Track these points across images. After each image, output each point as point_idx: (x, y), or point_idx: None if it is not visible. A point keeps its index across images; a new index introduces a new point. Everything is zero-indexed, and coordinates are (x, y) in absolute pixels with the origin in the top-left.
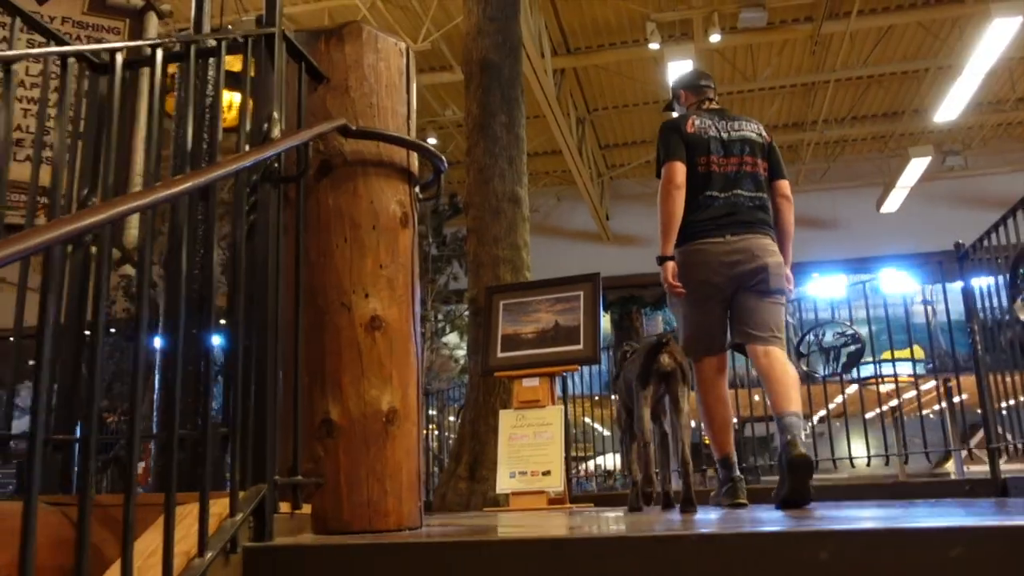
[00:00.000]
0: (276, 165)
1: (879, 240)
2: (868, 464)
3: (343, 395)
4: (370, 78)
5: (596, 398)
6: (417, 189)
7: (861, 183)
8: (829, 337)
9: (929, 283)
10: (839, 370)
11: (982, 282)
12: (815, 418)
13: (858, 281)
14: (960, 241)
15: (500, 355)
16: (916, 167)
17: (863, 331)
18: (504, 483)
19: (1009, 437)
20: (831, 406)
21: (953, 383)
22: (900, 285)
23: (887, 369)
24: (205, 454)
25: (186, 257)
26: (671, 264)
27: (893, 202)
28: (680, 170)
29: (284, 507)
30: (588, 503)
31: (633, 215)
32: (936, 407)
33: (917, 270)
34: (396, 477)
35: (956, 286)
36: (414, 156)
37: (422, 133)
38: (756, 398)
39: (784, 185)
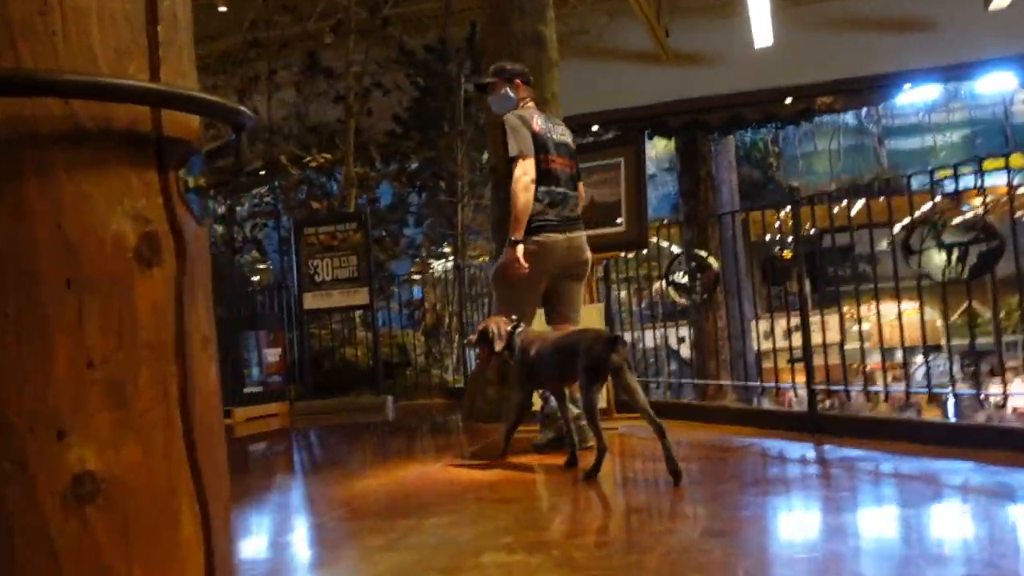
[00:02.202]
0: None
1: (984, 42)
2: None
3: None
4: None
5: (664, 221)
6: (184, 175)
7: None
8: (951, 230)
9: None
10: (966, 276)
11: None
12: (896, 226)
13: None
14: None
15: None
16: None
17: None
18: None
19: None
20: (916, 215)
21: None
22: (999, 85)
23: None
24: None
25: None
26: (522, 247)
27: None
28: (533, 165)
29: None
30: (636, 413)
31: (696, 30)
32: None
33: None
34: None
35: None
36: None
37: None
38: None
39: (581, 188)
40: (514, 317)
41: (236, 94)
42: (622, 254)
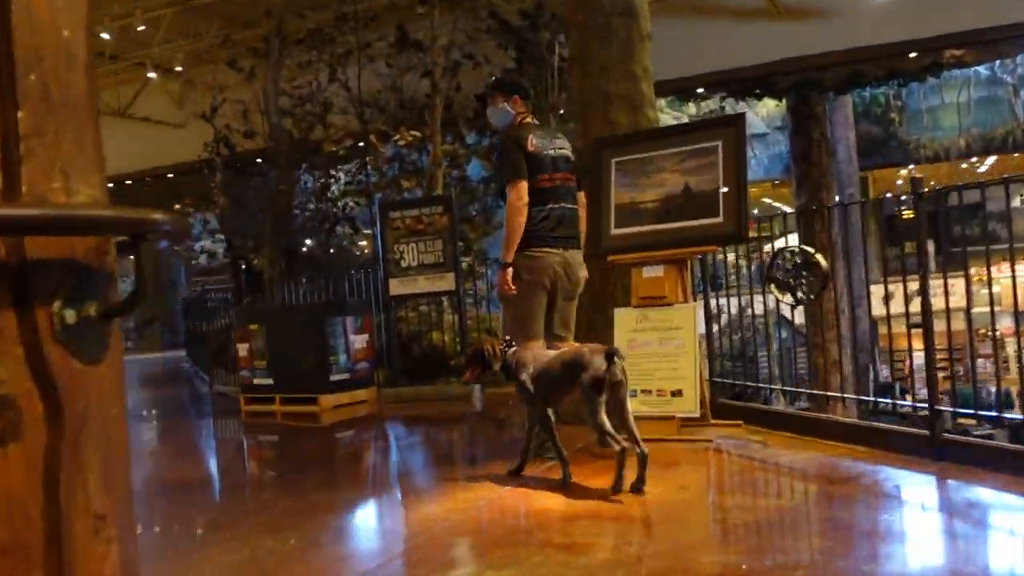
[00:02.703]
0: None
1: None
2: None
3: None
4: None
5: (776, 182)
6: (62, 308)
7: None
8: None
9: None
10: None
11: None
12: None
13: None
14: None
15: (614, 232)
16: None
17: None
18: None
19: None
20: None
21: None
22: None
23: None
24: None
25: None
26: (511, 270)
27: None
28: (525, 189)
29: None
30: (735, 421)
31: None
32: None
33: None
34: None
35: None
36: None
37: None
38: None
39: (583, 196)
40: (507, 338)
41: (328, 68)
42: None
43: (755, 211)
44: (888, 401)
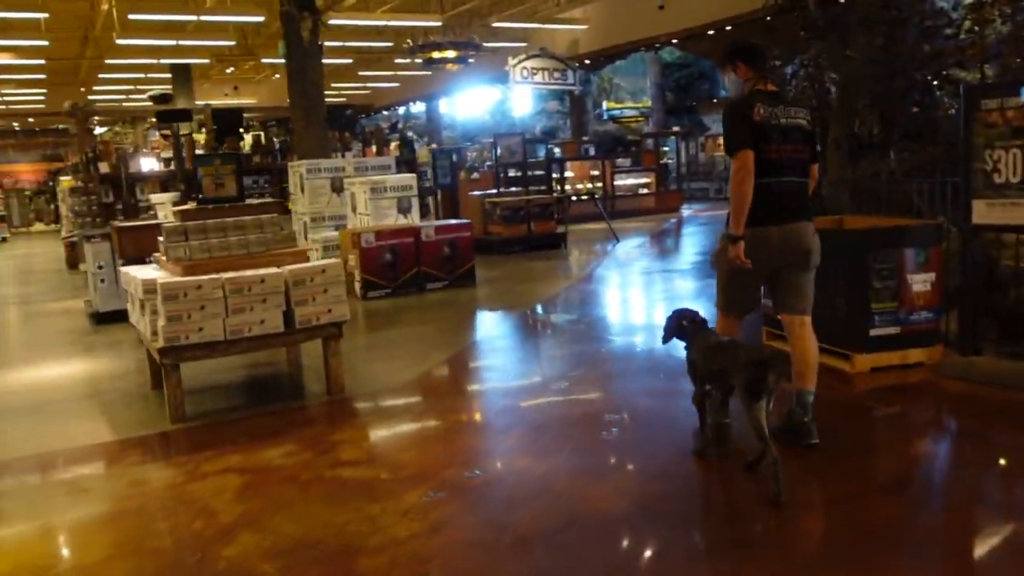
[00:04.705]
0: None
1: None
2: None
3: None
4: None
5: None
6: None
7: None
8: None
9: None
10: None
11: None
12: None
13: None
14: None
15: None
16: None
17: None
18: None
19: None
20: None
21: None
22: None
23: None
24: None
25: None
26: (742, 243)
27: None
28: (751, 158)
29: None
30: None
31: None
32: None
33: None
34: None
35: None
36: None
37: None
38: None
39: (815, 169)
40: (699, 315)
41: None
42: None
43: None
44: None
